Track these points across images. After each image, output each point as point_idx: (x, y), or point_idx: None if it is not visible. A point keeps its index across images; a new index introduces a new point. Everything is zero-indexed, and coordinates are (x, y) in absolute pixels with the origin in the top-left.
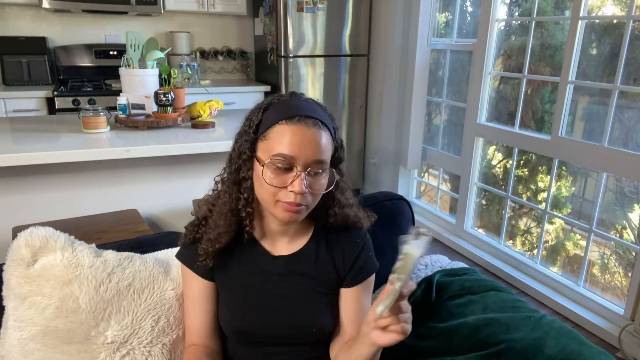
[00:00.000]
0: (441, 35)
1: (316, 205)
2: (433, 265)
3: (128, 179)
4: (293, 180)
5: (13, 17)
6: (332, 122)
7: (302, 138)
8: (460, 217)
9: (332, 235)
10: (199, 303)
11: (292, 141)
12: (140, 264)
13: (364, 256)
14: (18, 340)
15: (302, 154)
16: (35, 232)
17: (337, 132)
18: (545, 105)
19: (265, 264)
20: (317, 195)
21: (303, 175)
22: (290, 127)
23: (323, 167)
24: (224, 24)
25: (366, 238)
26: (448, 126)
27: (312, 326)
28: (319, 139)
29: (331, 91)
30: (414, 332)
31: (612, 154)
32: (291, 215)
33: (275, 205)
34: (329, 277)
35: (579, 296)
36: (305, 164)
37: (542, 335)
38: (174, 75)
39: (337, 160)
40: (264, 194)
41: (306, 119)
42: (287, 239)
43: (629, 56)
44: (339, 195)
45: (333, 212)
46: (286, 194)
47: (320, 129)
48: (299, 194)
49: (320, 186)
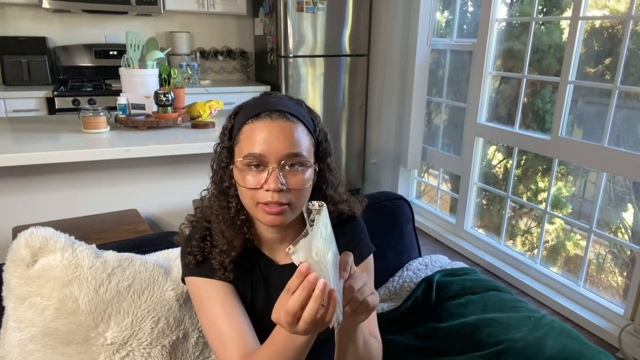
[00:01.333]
0: (441, 35)
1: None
2: (433, 265)
3: (128, 179)
4: (267, 177)
5: (13, 17)
6: (310, 115)
7: (268, 133)
8: (460, 217)
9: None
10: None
11: (258, 138)
12: (140, 265)
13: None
14: (18, 341)
15: (272, 149)
16: (35, 232)
17: (318, 125)
18: (545, 105)
19: (273, 273)
20: (300, 192)
21: (277, 172)
22: (256, 124)
23: (299, 161)
24: (224, 24)
25: (359, 225)
26: (448, 126)
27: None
28: (289, 131)
29: (331, 91)
30: (414, 332)
31: (611, 153)
32: (274, 219)
33: (257, 209)
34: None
35: (579, 296)
36: (277, 159)
37: (542, 335)
38: (174, 75)
39: (322, 155)
40: (245, 199)
41: (272, 113)
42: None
43: (629, 56)
44: (330, 192)
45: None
46: (264, 194)
47: (289, 121)
48: (275, 191)
49: (300, 182)
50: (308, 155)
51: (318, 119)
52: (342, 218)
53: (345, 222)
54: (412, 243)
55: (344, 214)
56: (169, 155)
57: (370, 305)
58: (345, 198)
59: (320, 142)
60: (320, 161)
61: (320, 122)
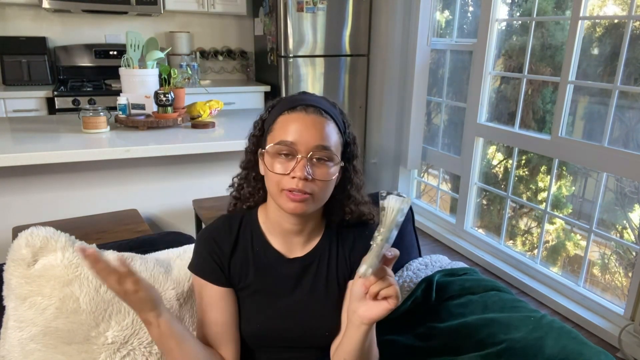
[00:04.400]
0: (441, 35)
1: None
2: (433, 265)
3: (128, 179)
4: (295, 165)
5: (13, 17)
6: (342, 117)
7: (302, 124)
8: (460, 217)
9: (344, 232)
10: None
11: (292, 128)
12: (141, 264)
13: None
14: (18, 341)
15: (303, 139)
16: (36, 232)
17: (349, 128)
18: (545, 105)
19: (280, 267)
20: (324, 184)
21: (305, 161)
22: (292, 116)
23: (328, 155)
24: (224, 24)
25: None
26: (448, 126)
27: (324, 329)
28: (320, 125)
29: (331, 91)
30: (414, 332)
31: (612, 154)
32: (296, 206)
33: (281, 195)
34: (342, 273)
35: (579, 296)
36: (307, 149)
37: (542, 335)
38: (174, 75)
39: (350, 156)
40: (270, 184)
41: (307, 107)
42: (302, 239)
43: (629, 56)
44: (354, 192)
45: (349, 210)
46: (290, 181)
47: (322, 117)
48: (301, 179)
49: (326, 174)
50: (336, 151)
51: (349, 122)
52: (361, 221)
53: (364, 225)
54: (412, 243)
55: (364, 216)
56: (169, 155)
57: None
58: (367, 200)
59: (348, 143)
60: (347, 162)
61: (351, 125)
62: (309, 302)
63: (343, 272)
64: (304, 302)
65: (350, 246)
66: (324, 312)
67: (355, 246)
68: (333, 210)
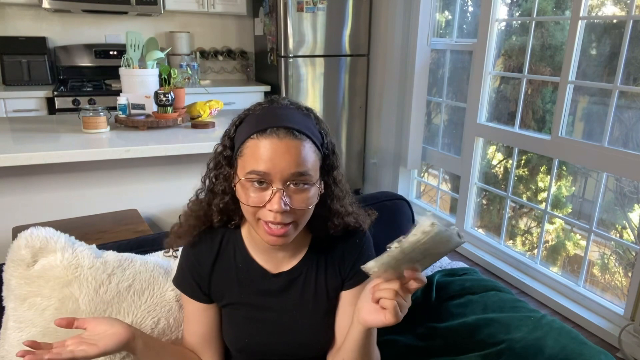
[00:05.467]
0: (441, 35)
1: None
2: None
3: (128, 179)
4: (271, 197)
5: (13, 17)
6: (319, 126)
7: (274, 151)
8: (460, 217)
9: (331, 242)
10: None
11: (264, 156)
12: (141, 265)
13: (365, 256)
14: (18, 341)
15: (277, 168)
16: (36, 232)
17: (326, 138)
18: (545, 105)
19: (265, 282)
20: (305, 211)
21: (282, 192)
22: (262, 141)
23: (306, 180)
24: (224, 24)
25: (365, 238)
26: (448, 126)
27: (316, 342)
28: (296, 150)
29: (331, 91)
30: (414, 332)
31: (612, 154)
32: (276, 240)
33: (258, 225)
34: (332, 285)
35: (579, 296)
36: (282, 178)
37: (542, 335)
38: (174, 75)
39: (328, 169)
40: (246, 213)
41: (278, 130)
42: (287, 254)
43: (629, 56)
44: (336, 206)
45: (333, 225)
46: (267, 213)
47: (296, 139)
48: (277, 212)
49: (305, 201)
50: (314, 172)
51: (326, 131)
52: (348, 230)
53: (352, 234)
54: None
55: (350, 227)
56: (169, 155)
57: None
58: (351, 210)
59: (327, 155)
60: (326, 175)
61: (329, 133)
62: (297, 315)
63: (333, 284)
64: (293, 316)
65: (340, 257)
66: (314, 325)
67: (345, 257)
68: (316, 226)
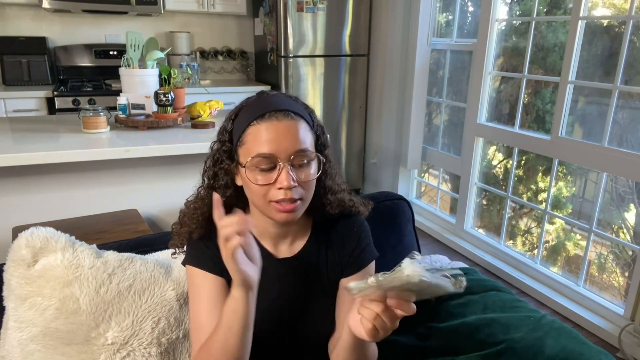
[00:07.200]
0: (441, 35)
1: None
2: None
3: (128, 179)
4: (278, 175)
5: (13, 17)
6: (307, 110)
7: (276, 132)
8: (460, 217)
9: (331, 228)
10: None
11: (267, 138)
12: (141, 265)
13: (362, 244)
14: (18, 341)
15: (281, 147)
16: (36, 232)
17: (315, 120)
18: (545, 105)
19: (270, 267)
20: (309, 185)
21: (288, 168)
22: (263, 125)
23: (307, 156)
24: (224, 24)
25: (364, 226)
26: (448, 126)
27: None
28: (294, 129)
29: (331, 91)
30: (413, 332)
31: (612, 153)
32: (287, 216)
33: (269, 207)
34: (334, 273)
35: (579, 296)
36: (286, 156)
37: (542, 335)
38: (174, 75)
39: (321, 147)
40: (255, 197)
41: (277, 113)
42: (288, 240)
43: (629, 56)
44: (329, 182)
45: (327, 201)
46: (276, 192)
47: (293, 119)
48: (288, 188)
49: (309, 175)
50: (312, 149)
51: (313, 114)
52: (345, 210)
53: (349, 217)
54: (412, 243)
55: (345, 203)
56: (169, 155)
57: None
58: (344, 187)
59: (319, 135)
60: (320, 153)
61: (316, 116)
62: (301, 303)
63: (334, 272)
64: (296, 304)
65: (339, 244)
66: (315, 313)
67: (345, 244)
68: (313, 205)
